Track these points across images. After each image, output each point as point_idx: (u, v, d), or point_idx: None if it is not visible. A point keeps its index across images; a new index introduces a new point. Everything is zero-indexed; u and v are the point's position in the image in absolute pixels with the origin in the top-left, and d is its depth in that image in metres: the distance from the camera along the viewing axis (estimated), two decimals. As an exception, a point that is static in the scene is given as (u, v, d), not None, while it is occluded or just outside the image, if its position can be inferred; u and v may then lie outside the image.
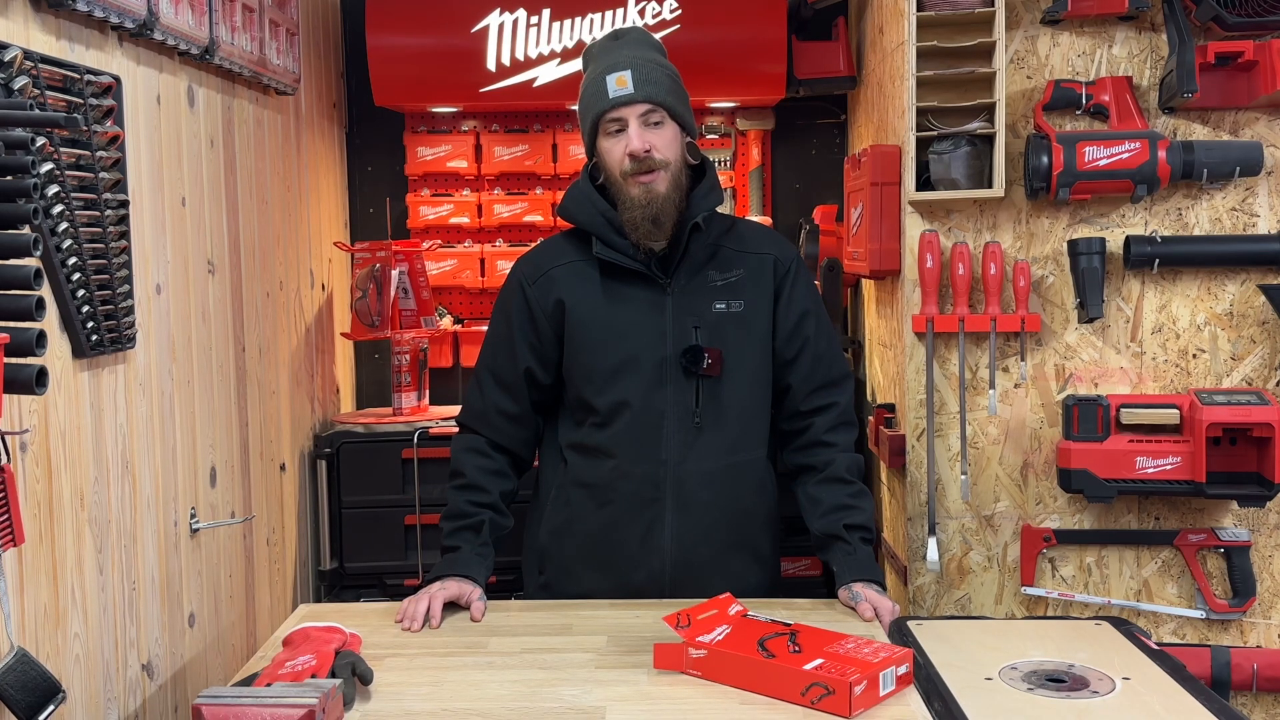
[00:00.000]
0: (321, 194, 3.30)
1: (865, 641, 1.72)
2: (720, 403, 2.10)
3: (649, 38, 2.15)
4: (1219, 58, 2.29)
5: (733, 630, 1.76)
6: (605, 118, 2.04)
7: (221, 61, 2.35)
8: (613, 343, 2.09)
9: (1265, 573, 2.45)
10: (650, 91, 2.02)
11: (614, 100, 2.01)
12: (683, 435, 2.09)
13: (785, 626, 1.78)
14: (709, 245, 2.12)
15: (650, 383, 2.08)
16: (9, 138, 1.43)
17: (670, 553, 2.10)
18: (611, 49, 2.10)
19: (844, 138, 3.62)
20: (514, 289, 2.18)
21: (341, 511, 3.12)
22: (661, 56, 2.12)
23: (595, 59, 2.12)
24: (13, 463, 1.54)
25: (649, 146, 2.02)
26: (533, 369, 2.15)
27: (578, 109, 2.15)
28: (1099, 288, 2.38)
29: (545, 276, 2.14)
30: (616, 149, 2.04)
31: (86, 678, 1.80)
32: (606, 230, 2.09)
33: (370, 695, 1.66)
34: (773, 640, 1.71)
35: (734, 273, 2.12)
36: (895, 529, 2.77)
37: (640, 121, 2.03)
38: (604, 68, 2.05)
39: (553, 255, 2.18)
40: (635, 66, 2.02)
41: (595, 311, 2.11)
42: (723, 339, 2.09)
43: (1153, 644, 1.91)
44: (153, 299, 2.07)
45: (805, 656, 1.65)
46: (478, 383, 2.21)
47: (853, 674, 1.58)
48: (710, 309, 2.10)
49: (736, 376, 2.10)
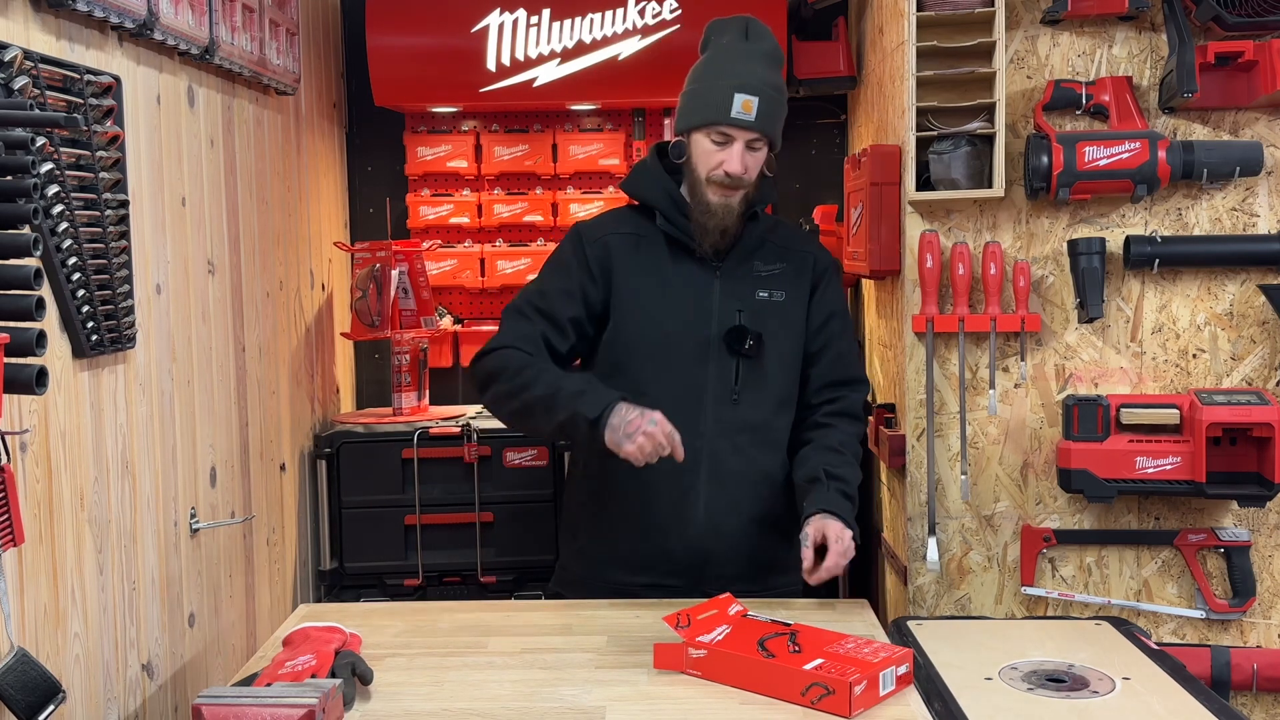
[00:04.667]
0: (321, 194, 3.30)
1: (865, 641, 1.72)
2: (756, 384, 2.18)
3: (776, 50, 2.20)
4: (1219, 58, 2.29)
5: (733, 630, 1.77)
6: (718, 128, 2.11)
7: (221, 61, 2.35)
8: (661, 315, 2.17)
9: (1265, 573, 2.45)
10: (766, 125, 2.11)
11: (734, 120, 2.09)
12: (720, 410, 2.16)
13: (785, 626, 1.78)
14: (758, 238, 2.23)
15: (692, 358, 2.17)
16: (9, 138, 1.43)
17: (702, 521, 2.16)
18: (743, 54, 2.14)
19: (844, 138, 3.62)
20: (573, 243, 2.24)
21: (341, 511, 3.12)
22: (780, 76, 2.19)
23: (724, 55, 2.16)
24: (13, 463, 1.54)
25: (745, 169, 2.12)
26: (580, 318, 2.19)
27: (686, 92, 2.18)
28: (1099, 288, 2.38)
29: (603, 241, 2.21)
30: (714, 156, 2.12)
31: (86, 678, 1.80)
32: (671, 207, 2.19)
33: (370, 695, 1.66)
34: (773, 640, 1.71)
35: (777, 266, 2.23)
36: (895, 529, 2.77)
37: (745, 145, 2.11)
38: (735, 82, 2.09)
39: (613, 223, 2.26)
40: (764, 95, 2.09)
41: (645, 283, 2.19)
42: (763, 324, 2.19)
43: (1153, 644, 1.91)
44: (153, 299, 2.07)
45: (805, 656, 1.65)
46: (520, 314, 2.19)
47: (853, 674, 1.58)
48: (754, 295, 2.20)
49: (772, 360, 2.20)
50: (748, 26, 2.18)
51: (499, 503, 3.11)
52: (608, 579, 2.20)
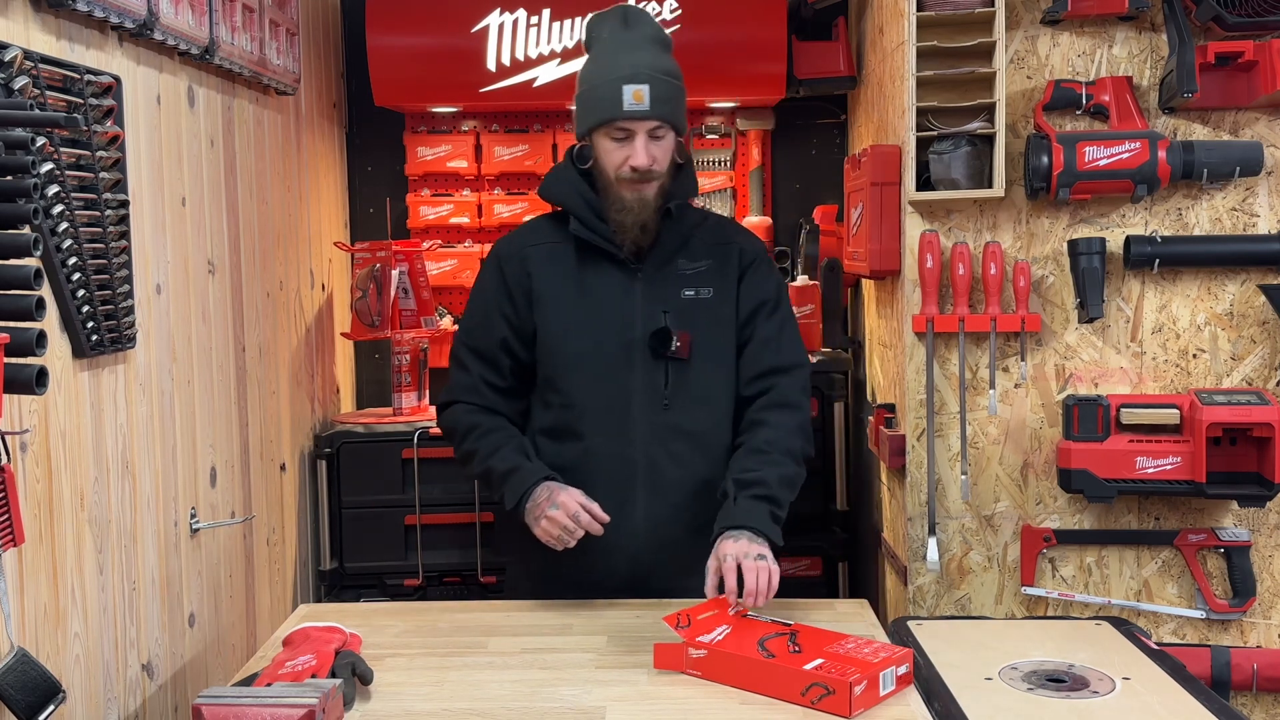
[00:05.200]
0: (321, 194, 3.30)
1: (865, 641, 1.72)
2: (688, 386, 2.12)
3: (660, 33, 2.15)
4: (1219, 58, 2.29)
5: (733, 630, 1.76)
6: (614, 124, 2.06)
7: (221, 61, 2.35)
8: (581, 324, 2.13)
9: (1265, 573, 2.45)
10: (663, 111, 2.06)
11: (628, 113, 2.04)
12: (651, 416, 2.11)
13: (785, 626, 1.78)
14: (681, 235, 2.17)
15: (618, 365, 2.12)
16: (9, 138, 1.43)
17: (643, 533, 2.11)
18: (625, 45, 2.09)
19: (844, 138, 3.62)
20: (491, 266, 2.21)
21: (341, 511, 3.12)
22: (670, 56, 2.13)
23: (607, 50, 2.11)
24: (13, 463, 1.54)
25: (653, 160, 2.07)
26: (509, 340, 2.17)
27: (579, 94, 2.14)
28: (1099, 288, 2.38)
29: (520, 256, 2.18)
30: (618, 154, 2.08)
31: (86, 678, 1.80)
32: (586, 212, 2.14)
33: (370, 695, 1.66)
34: (773, 640, 1.71)
35: (703, 262, 2.16)
36: (895, 529, 2.77)
37: (647, 135, 2.06)
38: (622, 74, 2.05)
39: (529, 236, 2.22)
40: (653, 81, 2.05)
41: (565, 293, 2.14)
42: (691, 324, 2.12)
43: (1153, 644, 1.91)
44: (153, 299, 2.07)
45: (805, 656, 1.65)
46: (458, 361, 2.22)
47: (853, 674, 1.58)
48: (679, 295, 2.14)
49: (704, 361, 2.13)
50: (625, 15, 2.12)
51: (499, 503, 3.09)
52: (556, 598, 2.12)
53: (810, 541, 3.21)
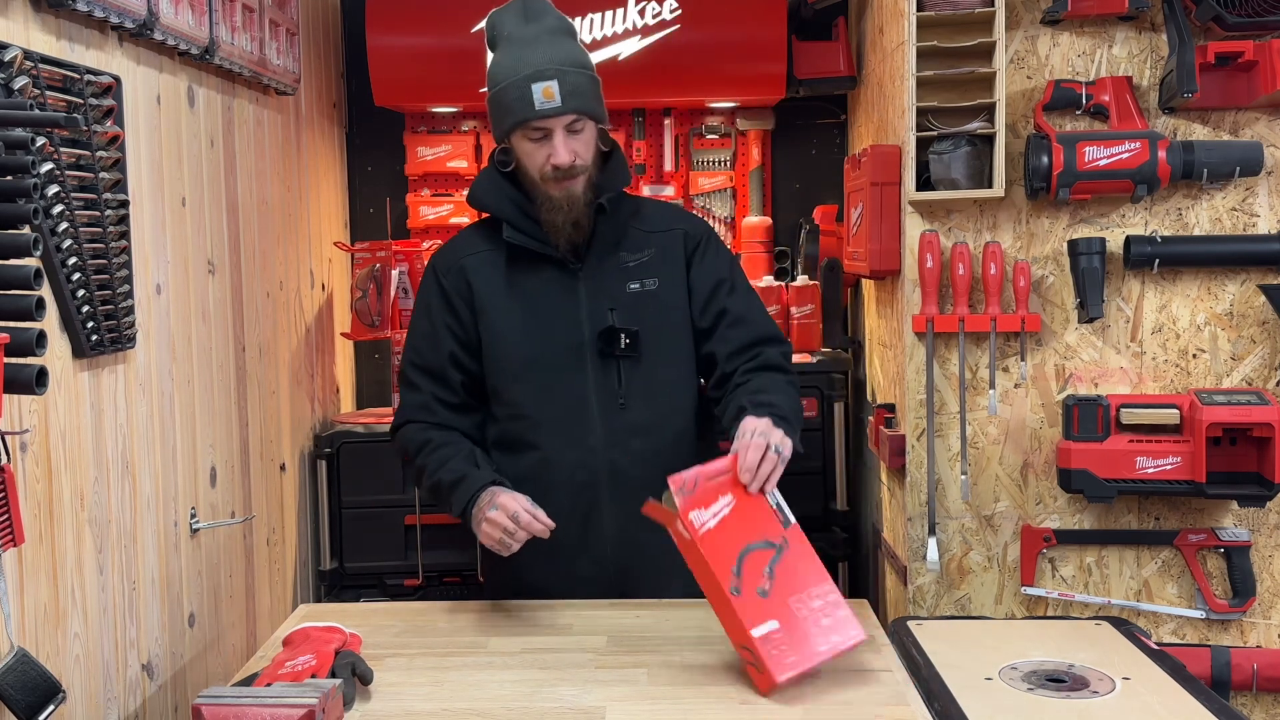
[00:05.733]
0: (321, 194, 3.30)
1: (835, 605, 1.69)
2: (644, 382, 2.08)
3: (562, 21, 2.07)
4: (1219, 58, 2.29)
5: (731, 513, 1.71)
6: (529, 124, 2.00)
7: (221, 61, 2.35)
8: (526, 331, 2.07)
9: (1265, 573, 2.45)
10: (577, 104, 1.99)
11: (541, 112, 1.97)
12: (609, 418, 2.07)
13: (782, 530, 1.73)
14: (618, 227, 2.11)
15: (568, 368, 2.07)
16: (9, 138, 1.43)
17: (612, 537, 2.08)
18: (528, 40, 2.02)
19: (844, 138, 3.62)
20: (430, 281, 2.16)
21: (341, 511, 3.12)
22: (576, 47, 2.06)
23: (511, 48, 2.03)
24: (13, 463, 1.54)
25: (574, 156, 2.01)
26: (457, 354, 2.11)
27: (490, 97, 2.04)
28: (1099, 288, 2.38)
29: (458, 267, 2.12)
30: (539, 154, 2.02)
31: (86, 678, 1.80)
32: (517, 216, 2.08)
33: (370, 695, 1.66)
34: (755, 555, 1.68)
35: (645, 252, 2.11)
36: (895, 529, 2.77)
37: (565, 131, 1.99)
38: (528, 73, 1.98)
39: (464, 246, 2.16)
40: (561, 76, 1.98)
41: (506, 300, 2.09)
42: (640, 318, 2.07)
43: (1153, 644, 1.91)
44: (153, 299, 2.07)
45: (766, 608, 1.64)
46: (407, 381, 2.16)
47: (787, 667, 1.60)
48: (624, 290, 2.08)
49: (657, 354, 2.08)
50: (525, 7, 2.04)
51: (455, 516, 3.10)
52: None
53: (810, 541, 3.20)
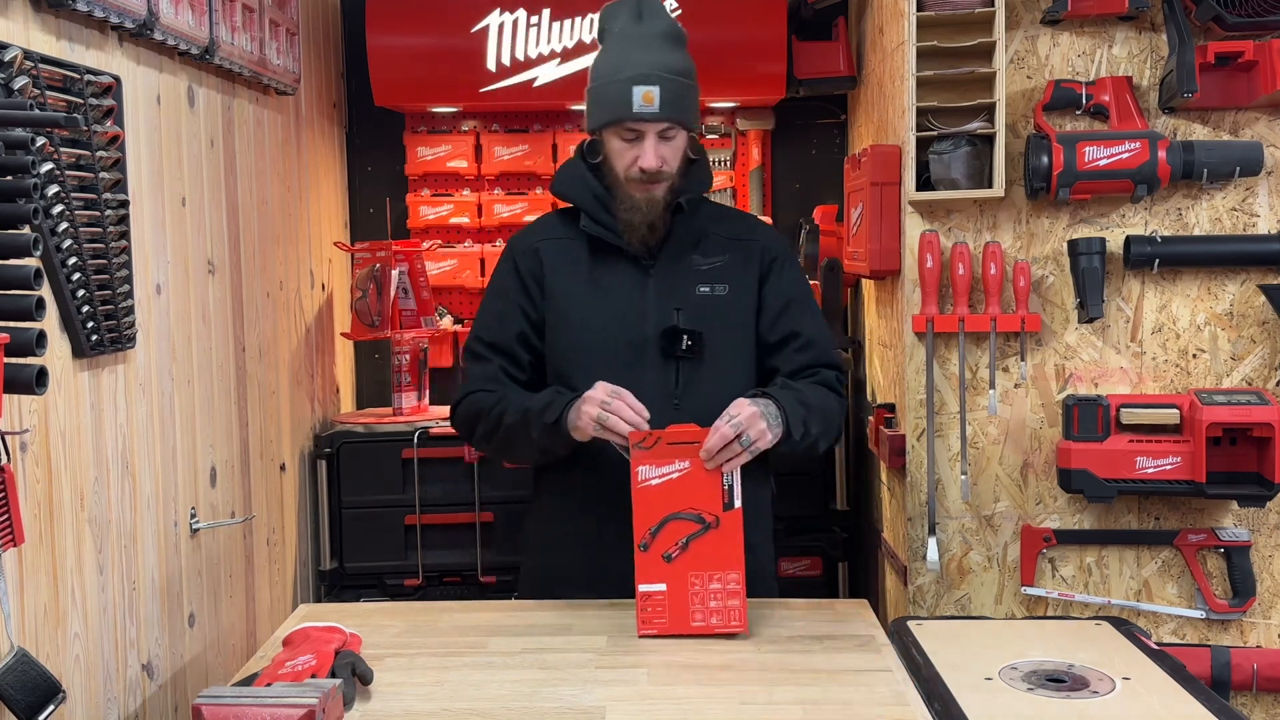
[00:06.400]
0: (321, 194, 3.30)
1: (732, 593, 1.82)
2: (700, 386, 2.08)
3: (674, 27, 2.10)
4: (1219, 58, 2.29)
5: (679, 479, 1.84)
6: (623, 124, 2.03)
7: (221, 61, 2.35)
8: (590, 320, 2.09)
9: (1265, 573, 2.45)
10: (673, 112, 2.02)
11: (637, 115, 2.01)
12: (661, 417, 2.03)
13: (718, 513, 1.83)
14: (696, 229, 2.13)
15: (627, 363, 2.07)
16: (9, 138, 1.43)
17: None
18: (637, 41, 2.05)
19: (844, 138, 3.62)
20: (505, 261, 2.19)
21: (341, 511, 3.12)
22: (683, 53, 2.09)
23: (618, 45, 2.07)
24: (13, 463, 1.54)
25: (662, 162, 2.03)
26: (527, 334, 2.14)
27: (590, 89, 2.11)
28: (1099, 288, 2.38)
29: (532, 249, 2.15)
30: (628, 154, 2.05)
31: (86, 678, 1.80)
32: (596, 208, 2.11)
33: (370, 695, 1.66)
34: (678, 524, 1.83)
35: (719, 258, 2.12)
36: (895, 529, 2.77)
37: (657, 136, 2.03)
38: (631, 74, 2.01)
39: (542, 230, 2.20)
40: (664, 83, 2.00)
41: (575, 288, 2.11)
42: (705, 322, 2.08)
43: (1153, 644, 1.91)
44: (153, 299, 2.07)
45: (663, 571, 1.82)
46: (475, 355, 2.17)
47: (653, 627, 1.82)
48: (694, 291, 2.10)
49: (718, 360, 2.09)
50: (640, 7, 2.07)
51: (499, 503, 3.11)
52: (567, 598, 2.09)
53: (810, 541, 3.21)
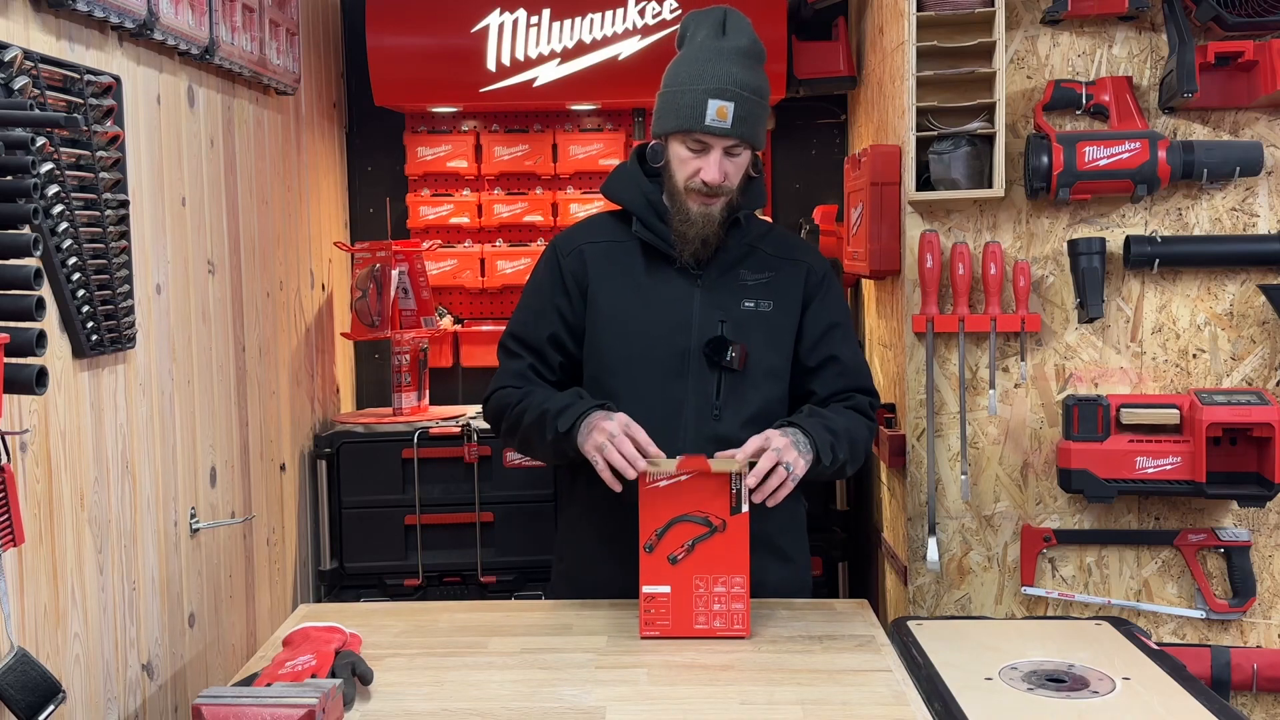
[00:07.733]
0: (321, 194, 3.30)
1: (737, 597, 1.85)
2: (740, 398, 2.08)
3: (755, 45, 2.07)
4: (1219, 58, 2.29)
5: (687, 482, 1.87)
6: (692, 135, 2.01)
7: (221, 61, 2.35)
8: (636, 327, 2.08)
9: (1265, 573, 2.45)
10: (743, 131, 2.00)
11: (708, 128, 1.99)
12: (701, 425, 2.06)
13: (725, 516, 1.86)
14: (745, 245, 2.12)
15: (670, 371, 2.07)
16: (9, 138, 1.43)
17: None
18: (718, 55, 2.02)
19: (844, 138, 3.62)
20: (549, 258, 2.17)
21: (341, 511, 3.12)
22: (761, 74, 2.06)
23: (699, 55, 2.03)
24: (13, 463, 1.54)
25: (724, 177, 2.02)
26: (560, 335, 2.13)
27: (662, 93, 2.07)
28: (1099, 288, 2.38)
29: (578, 251, 2.14)
30: (691, 164, 2.02)
31: (86, 678, 1.80)
32: (648, 213, 2.09)
33: (370, 695, 1.66)
34: (685, 525, 1.86)
35: (766, 274, 2.11)
36: (895, 529, 2.77)
37: (723, 152, 2.01)
38: (708, 87, 1.98)
39: (589, 232, 2.18)
40: (739, 100, 1.98)
41: (621, 294, 2.10)
42: (747, 336, 2.08)
43: (1153, 644, 1.91)
44: (153, 299, 2.07)
45: (667, 573, 1.84)
46: (508, 351, 2.17)
47: (655, 629, 1.85)
48: (739, 306, 2.09)
49: (757, 374, 2.09)
50: (725, 20, 2.05)
51: (499, 503, 3.11)
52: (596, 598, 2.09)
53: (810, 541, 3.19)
